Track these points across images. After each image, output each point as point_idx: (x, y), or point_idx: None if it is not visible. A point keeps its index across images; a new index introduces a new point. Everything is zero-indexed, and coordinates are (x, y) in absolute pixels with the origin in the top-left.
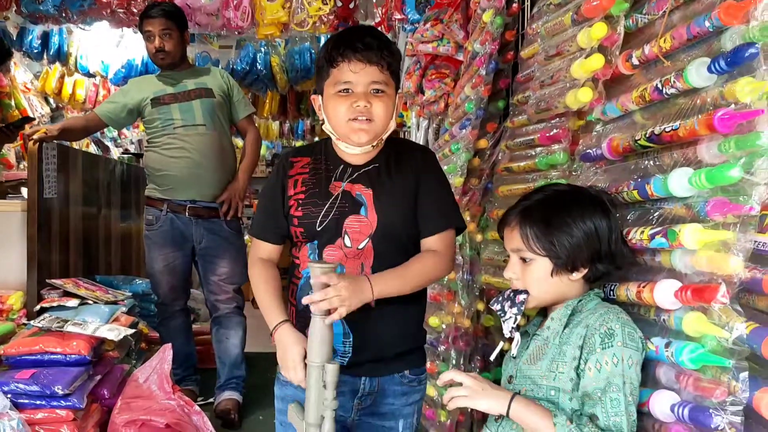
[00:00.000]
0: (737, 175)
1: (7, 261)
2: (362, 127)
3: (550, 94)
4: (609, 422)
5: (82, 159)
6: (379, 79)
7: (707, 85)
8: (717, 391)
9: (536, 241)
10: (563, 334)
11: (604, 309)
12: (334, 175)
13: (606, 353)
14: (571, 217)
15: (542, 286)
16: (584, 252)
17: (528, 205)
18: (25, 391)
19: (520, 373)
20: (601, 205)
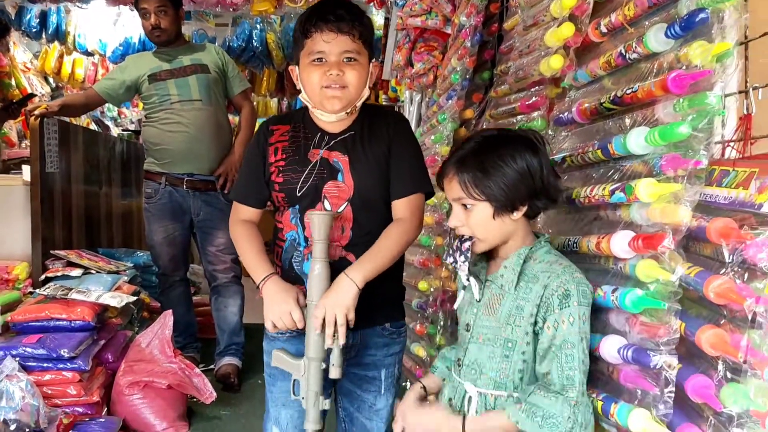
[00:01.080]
0: (686, 132)
1: (12, 233)
2: (335, 94)
3: (527, 62)
4: (563, 376)
5: (83, 135)
6: (351, 48)
7: (665, 49)
8: (660, 331)
9: (474, 187)
10: (520, 289)
11: (560, 267)
12: (313, 142)
13: (563, 313)
14: (502, 159)
15: (487, 229)
16: (520, 191)
17: (462, 154)
18: (32, 354)
19: (478, 322)
20: (529, 143)
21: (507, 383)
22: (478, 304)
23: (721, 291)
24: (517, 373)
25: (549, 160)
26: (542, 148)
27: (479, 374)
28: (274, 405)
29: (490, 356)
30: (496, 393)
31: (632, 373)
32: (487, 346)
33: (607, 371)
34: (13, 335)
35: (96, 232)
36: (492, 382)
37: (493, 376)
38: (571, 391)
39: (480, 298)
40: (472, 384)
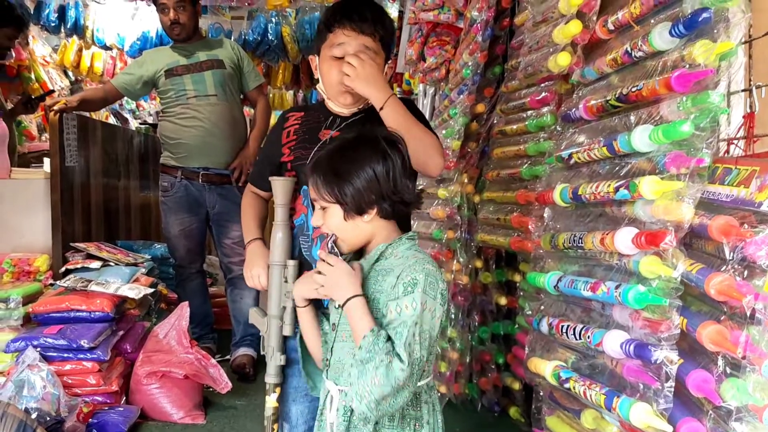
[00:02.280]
0: (688, 130)
1: (33, 226)
2: (349, 89)
3: (536, 59)
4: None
5: (101, 129)
6: (370, 46)
7: (669, 47)
8: (662, 326)
9: (325, 190)
10: (376, 282)
11: (414, 259)
12: (324, 125)
13: (406, 299)
14: (351, 165)
15: (342, 231)
16: (367, 195)
17: (317, 158)
18: (53, 345)
19: (342, 320)
20: (379, 149)
21: None
22: None
23: (722, 288)
24: None
25: (403, 163)
26: (392, 154)
27: (341, 372)
28: (284, 401)
29: (350, 352)
30: None
31: (634, 368)
32: (349, 343)
33: (610, 365)
34: (34, 326)
35: (114, 225)
36: None
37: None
38: (399, 348)
39: None
40: (334, 383)
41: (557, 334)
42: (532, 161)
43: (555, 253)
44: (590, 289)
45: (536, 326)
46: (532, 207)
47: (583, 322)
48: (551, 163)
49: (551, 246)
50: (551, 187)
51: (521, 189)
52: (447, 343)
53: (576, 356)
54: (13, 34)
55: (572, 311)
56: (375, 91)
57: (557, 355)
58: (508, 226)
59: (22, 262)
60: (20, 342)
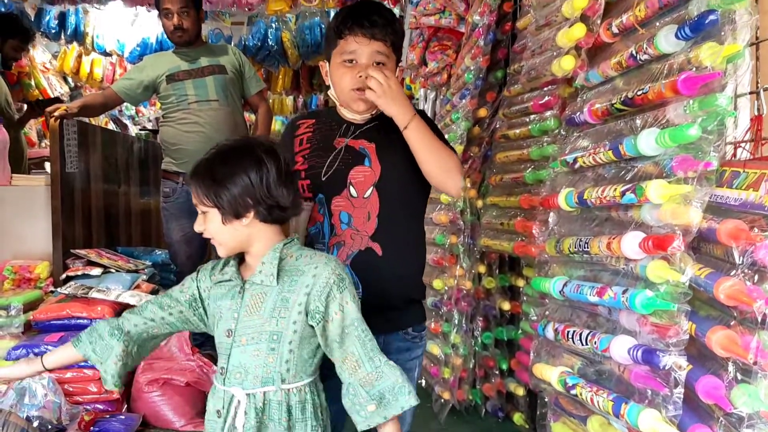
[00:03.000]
0: (696, 134)
1: (34, 232)
2: (362, 96)
3: (540, 62)
4: (366, 347)
5: (102, 135)
6: (382, 51)
7: (675, 50)
8: (670, 332)
9: (203, 195)
10: (284, 283)
11: (322, 258)
12: (338, 132)
13: (344, 296)
14: (227, 170)
15: (221, 235)
16: (243, 200)
17: (198, 163)
18: None
19: (240, 324)
20: (253, 156)
21: (275, 377)
22: (238, 308)
23: (732, 293)
24: (284, 364)
25: (278, 170)
26: (267, 161)
27: (245, 376)
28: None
29: (254, 354)
30: (265, 389)
31: (642, 374)
32: (251, 346)
33: (618, 370)
34: (35, 333)
35: (115, 230)
36: (259, 380)
37: (260, 373)
38: (380, 355)
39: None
40: (239, 387)
41: (563, 340)
42: (536, 165)
43: (560, 258)
44: (597, 294)
45: (541, 332)
46: (536, 211)
47: (589, 327)
48: (555, 167)
49: (556, 251)
50: (556, 191)
51: (525, 193)
52: (450, 349)
53: (582, 362)
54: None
55: (578, 316)
56: (400, 111)
57: (563, 360)
58: (512, 231)
59: (22, 269)
60: (21, 350)
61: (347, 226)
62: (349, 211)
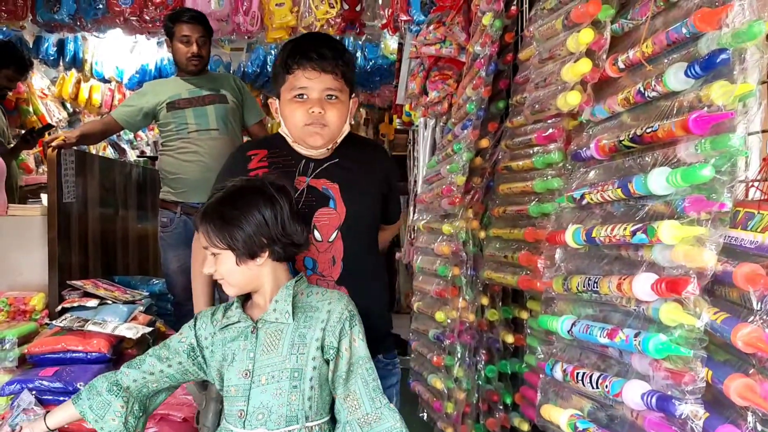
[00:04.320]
0: (709, 174)
1: (29, 263)
2: (317, 131)
3: (544, 96)
4: (369, 388)
5: (99, 163)
6: (333, 86)
7: (685, 88)
8: (685, 378)
9: (215, 237)
10: (299, 319)
11: (333, 294)
12: (297, 170)
13: (353, 332)
14: (239, 211)
15: (234, 276)
16: (258, 240)
17: (206, 205)
18: (49, 387)
19: (258, 364)
20: (266, 195)
21: (299, 415)
22: (254, 347)
23: (750, 340)
24: (306, 401)
25: (290, 207)
26: (279, 200)
27: (268, 416)
28: None
29: (276, 393)
30: (289, 428)
31: (657, 421)
32: (272, 385)
33: (631, 416)
34: (29, 367)
35: (112, 258)
36: (284, 419)
37: (284, 412)
38: (383, 396)
39: (254, 342)
40: (263, 428)
41: (572, 381)
42: (540, 198)
43: (567, 296)
44: (607, 336)
45: (549, 372)
46: (541, 245)
47: (599, 369)
48: (562, 202)
49: (564, 288)
50: (562, 227)
51: (529, 226)
52: (453, 383)
53: (592, 405)
54: (14, 76)
55: (587, 357)
56: None
57: (572, 402)
58: (516, 264)
59: (17, 301)
60: (15, 385)
61: (312, 272)
62: (314, 256)
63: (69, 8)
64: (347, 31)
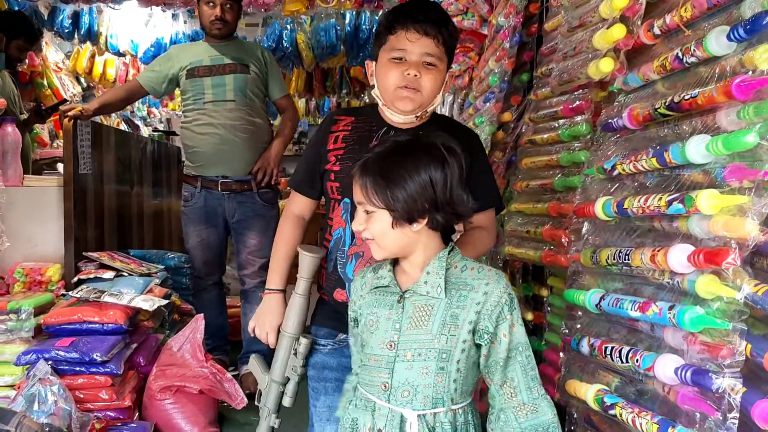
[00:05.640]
0: (753, 141)
1: (45, 235)
2: (409, 95)
3: (572, 65)
4: (528, 377)
5: (115, 136)
6: (433, 52)
7: (727, 53)
8: (723, 352)
9: (374, 195)
10: (452, 297)
11: (489, 272)
12: (377, 135)
13: (513, 317)
14: (405, 169)
15: (386, 238)
16: (420, 203)
17: (367, 159)
18: (65, 358)
19: (404, 338)
20: (436, 155)
21: (444, 397)
22: (400, 318)
23: None
24: (452, 384)
25: (460, 173)
26: (450, 160)
27: (414, 395)
28: (319, 420)
29: (423, 373)
30: (435, 411)
31: (691, 395)
32: (418, 363)
33: (662, 391)
34: (45, 338)
35: (127, 233)
36: (430, 401)
37: (430, 393)
38: (540, 386)
39: (401, 313)
40: (410, 407)
41: (600, 356)
42: (565, 172)
43: (595, 270)
44: (639, 310)
45: (575, 347)
46: (565, 220)
47: (629, 344)
48: (591, 174)
49: (592, 262)
50: (590, 199)
51: (553, 200)
52: None
53: (620, 380)
54: (24, 46)
55: (616, 331)
56: None
57: (598, 377)
58: (539, 239)
59: (33, 271)
60: (31, 354)
61: None
62: None
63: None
64: (365, 4)
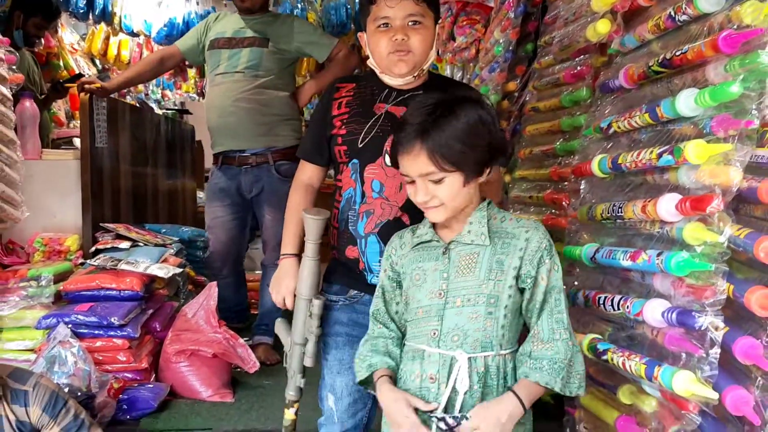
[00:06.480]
0: (737, 91)
1: (64, 206)
2: (402, 58)
3: (573, 30)
4: (552, 319)
5: (130, 114)
6: (415, 11)
7: (716, 9)
8: (706, 293)
9: (445, 160)
10: (496, 245)
11: (528, 221)
12: (379, 98)
13: (552, 262)
14: (465, 123)
15: (457, 199)
16: (485, 151)
17: (422, 127)
18: (84, 321)
19: (453, 285)
20: (480, 105)
21: (493, 342)
22: (447, 268)
23: None
24: (500, 329)
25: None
26: (483, 102)
27: (464, 339)
28: (329, 372)
29: (472, 317)
30: (484, 354)
31: (677, 336)
32: (468, 308)
33: (651, 335)
34: (65, 304)
35: (142, 209)
36: (479, 344)
37: (480, 337)
38: (563, 330)
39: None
40: (460, 350)
41: (594, 306)
42: (567, 137)
43: (591, 225)
44: (630, 259)
45: (572, 300)
46: (567, 183)
47: (621, 293)
48: (589, 134)
49: (588, 217)
50: (588, 158)
51: (555, 165)
52: None
53: (613, 328)
54: (41, 24)
55: (610, 283)
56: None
57: (593, 328)
58: (541, 204)
59: (53, 241)
60: (51, 318)
61: (378, 195)
62: (381, 179)
63: None
64: None
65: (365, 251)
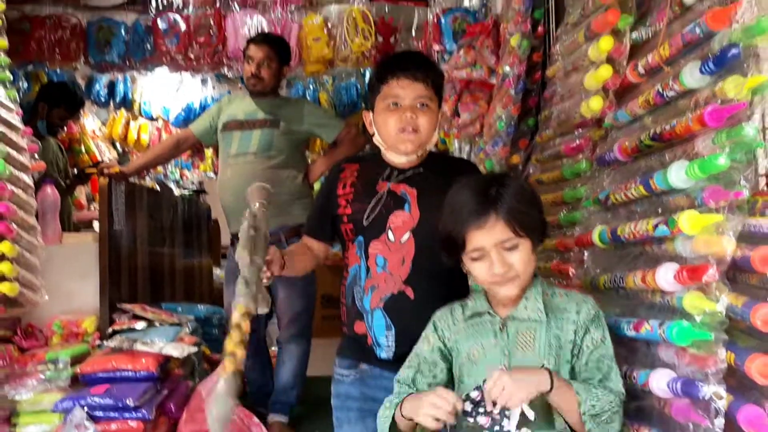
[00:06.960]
0: (724, 163)
1: (82, 288)
2: (409, 137)
3: (569, 106)
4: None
5: (147, 196)
6: (424, 94)
7: (701, 85)
8: (708, 362)
9: (519, 225)
10: (551, 320)
11: (576, 295)
12: (381, 176)
13: (598, 332)
14: (524, 189)
15: (529, 266)
16: (542, 216)
17: (492, 198)
18: (99, 404)
19: (514, 361)
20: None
21: (555, 417)
22: (507, 344)
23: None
24: None
25: None
26: None
27: None
28: None
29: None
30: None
31: (684, 407)
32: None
33: (658, 406)
34: (81, 386)
35: (160, 288)
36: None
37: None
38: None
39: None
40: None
41: None
42: (570, 208)
43: (596, 295)
44: (633, 329)
45: None
46: (572, 253)
47: (628, 363)
48: (588, 206)
49: (591, 287)
50: (589, 230)
51: (560, 236)
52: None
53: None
54: (65, 115)
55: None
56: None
57: None
58: (548, 273)
59: (70, 324)
60: (68, 402)
61: (382, 269)
62: (384, 254)
63: (119, 49)
64: None
65: (372, 326)
